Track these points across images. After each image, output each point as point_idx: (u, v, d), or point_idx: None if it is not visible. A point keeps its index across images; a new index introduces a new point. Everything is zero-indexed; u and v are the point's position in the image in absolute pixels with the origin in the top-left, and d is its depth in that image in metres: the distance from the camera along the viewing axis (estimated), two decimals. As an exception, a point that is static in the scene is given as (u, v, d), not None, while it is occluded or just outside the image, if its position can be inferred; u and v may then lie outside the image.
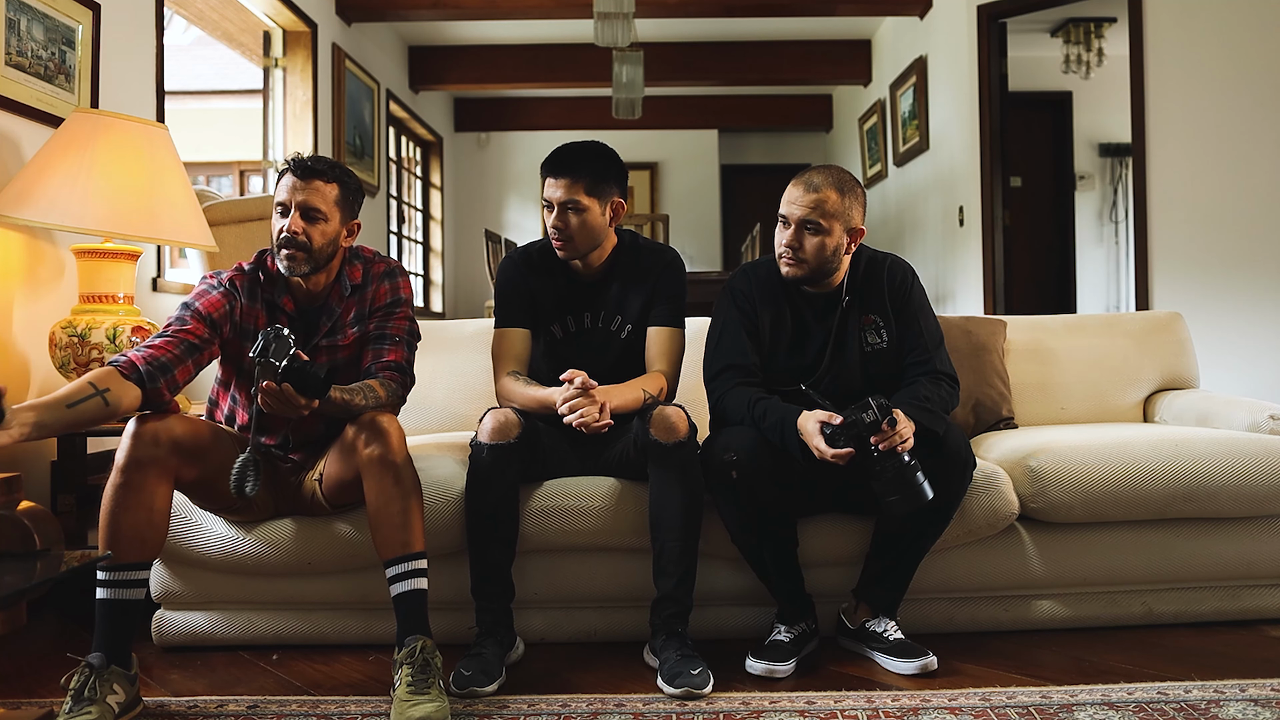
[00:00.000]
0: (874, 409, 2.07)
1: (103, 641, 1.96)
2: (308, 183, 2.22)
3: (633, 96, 6.49)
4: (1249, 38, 4.60)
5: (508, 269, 2.54)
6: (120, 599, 1.98)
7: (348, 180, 2.30)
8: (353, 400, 2.14)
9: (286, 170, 2.25)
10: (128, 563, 1.99)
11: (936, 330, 2.45)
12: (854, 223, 2.33)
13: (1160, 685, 2.07)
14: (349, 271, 2.34)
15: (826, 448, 2.11)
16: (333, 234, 2.25)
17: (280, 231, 2.21)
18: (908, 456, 2.08)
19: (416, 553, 2.10)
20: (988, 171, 5.55)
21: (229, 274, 2.29)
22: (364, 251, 2.42)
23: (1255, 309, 4.55)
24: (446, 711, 1.91)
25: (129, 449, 1.99)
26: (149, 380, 2.02)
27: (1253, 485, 2.45)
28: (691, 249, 9.61)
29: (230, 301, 2.25)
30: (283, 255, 2.21)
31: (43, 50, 3.04)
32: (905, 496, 2.09)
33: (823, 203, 2.29)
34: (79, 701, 1.86)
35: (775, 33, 7.86)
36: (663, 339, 2.47)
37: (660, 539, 2.25)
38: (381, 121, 7.01)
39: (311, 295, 2.31)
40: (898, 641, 2.26)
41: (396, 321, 2.33)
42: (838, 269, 2.37)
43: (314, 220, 2.22)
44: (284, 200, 2.22)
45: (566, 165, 2.38)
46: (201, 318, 2.18)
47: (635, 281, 2.49)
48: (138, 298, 3.08)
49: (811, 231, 2.30)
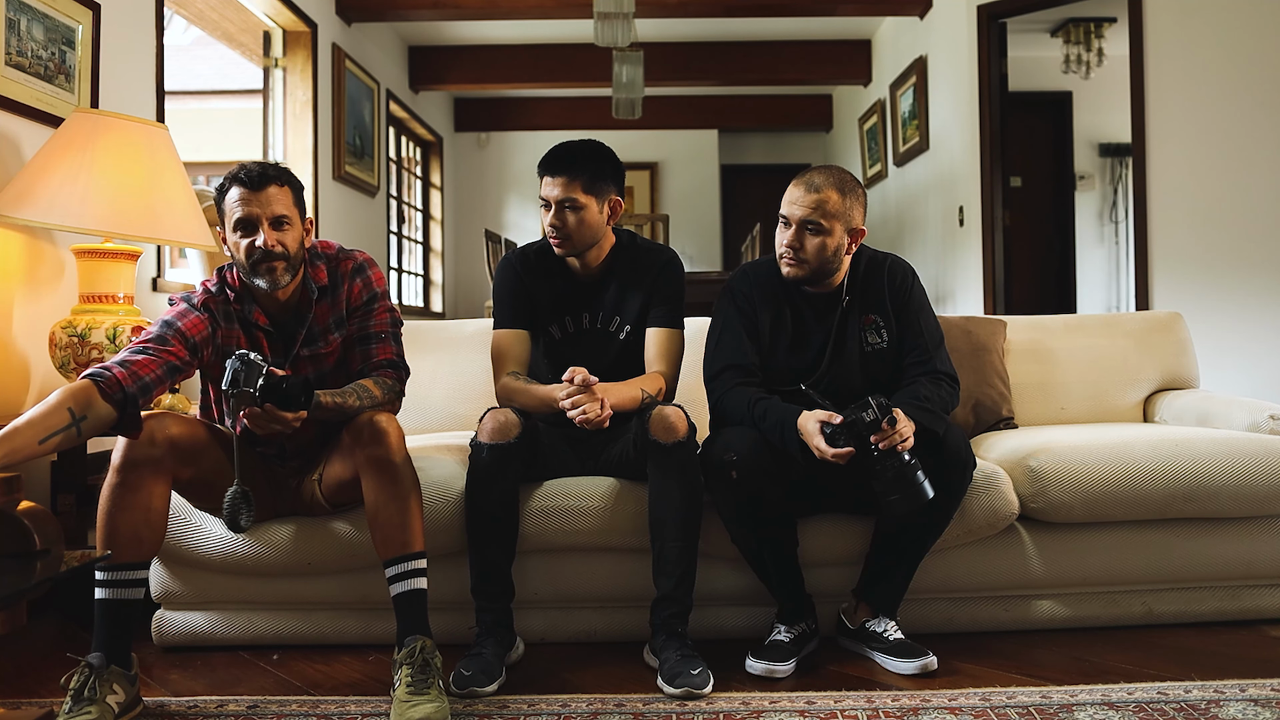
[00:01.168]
0: (874, 408, 2.07)
1: (102, 641, 1.96)
2: (262, 192, 2.14)
3: (633, 96, 6.49)
4: (1249, 38, 4.60)
5: (505, 271, 2.53)
6: (119, 599, 1.98)
7: (294, 180, 2.25)
8: (346, 403, 2.13)
9: (232, 185, 2.15)
10: (126, 563, 1.99)
11: (937, 330, 2.44)
12: (855, 223, 2.33)
13: (1160, 685, 2.07)
14: (312, 273, 2.28)
15: (827, 447, 2.11)
16: (299, 236, 2.20)
17: (250, 248, 2.13)
18: (908, 456, 2.08)
19: (416, 553, 2.10)
20: (988, 171, 5.55)
21: (200, 297, 2.21)
22: (325, 248, 2.34)
23: (1255, 309, 4.55)
24: (446, 712, 1.91)
25: (125, 449, 1.99)
26: (129, 405, 1.95)
27: (1253, 485, 2.45)
28: (691, 249, 9.61)
29: (211, 326, 2.19)
30: (262, 270, 2.14)
31: (43, 50, 3.03)
32: (905, 496, 2.09)
33: (824, 203, 2.29)
34: (79, 701, 1.86)
35: (775, 33, 7.86)
36: (661, 340, 2.46)
37: (659, 539, 2.25)
38: (381, 121, 7.01)
39: (283, 305, 2.25)
40: (898, 641, 2.26)
41: (378, 317, 2.31)
42: (838, 269, 2.37)
43: (284, 228, 2.16)
44: (245, 215, 2.13)
45: (564, 163, 2.38)
46: (185, 340, 2.12)
47: (633, 281, 2.49)
48: (138, 298, 3.08)
49: (813, 232, 2.30)
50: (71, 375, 2.75)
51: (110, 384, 1.93)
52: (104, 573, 1.98)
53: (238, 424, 1.98)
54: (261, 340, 2.25)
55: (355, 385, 2.18)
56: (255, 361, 1.95)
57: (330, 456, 2.27)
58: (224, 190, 2.18)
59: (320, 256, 2.31)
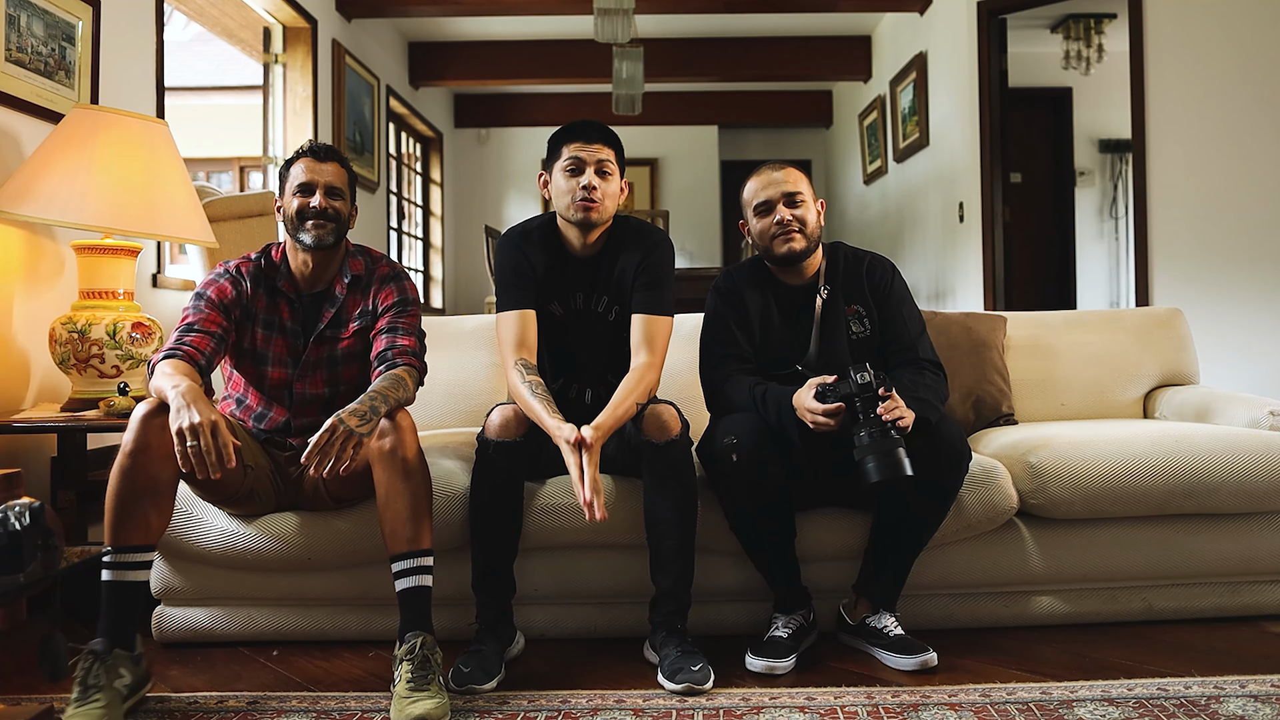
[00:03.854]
0: (866, 369, 2.11)
1: (107, 625, 1.98)
2: (326, 164, 2.36)
3: (633, 92, 6.48)
4: (1249, 34, 4.60)
5: (507, 247, 2.45)
6: (124, 580, 2.00)
7: (351, 169, 2.45)
8: (380, 412, 2.10)
9: (301, 155, 2.37)
10: (132, 545, 2.00)
11: (919, 319, 2.49)
12: (815, 197, 2.48)
13: (1160, 681, 2.07)
14: (350, 262, 2.41)
15: (816, 405, 2.13)
16: (347, 213, 2.39)
17: (305, 206, 2.32)
18: (895, 433, 2.08)
19: (424, 550, 2.11)
20: (988, 167, 5.54)
21: (236, 262, 2.39)
22: (371, 251, 2.48)
23: (1255, 305, 4.55)
24: (446, 708, 1.91)
25: (137, 433, 2.00)
26: (205, 375, 2.20)
27: (1253, 481, 2.45)
28: (691, 245, 9.60)
29: (236, 287, 2.34)
30: (310, 227, 2.31)
31: (43, 46, 3.03)
32: (881, 465, 2.05)
33: (794, 178, 2.45)
34: (86, 689, 1.88)
35: (775, 28, 7.85)
36: (646, 327, 2.39)
37: (656, 537, 2.25)
38: (381, 117, 7.01)
39: (314, 281, 2.39)
40: (898, 637, 2.26)
41: (409, 319, 2.38)
42: (817, 247, 2.46)
43: (337, 197, 2.35)
44: (307, 180, 2.33)
45: (602, 133, 2.40)
46: (215, 305, 2.29)
47: (624, 262, 2.43)
48: (138, 294, 3.09)
49: (800, 202, 2.42)
50: (72, 372, 2.75)
51: (190, 356, 2.18)
52: (110, 554, 2.00)
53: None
54: (283, 308, 2.37)
55: (384, 387, 2.16)
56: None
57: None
58: (291, 161, 2.39)
59: (362, 253, 2.46)
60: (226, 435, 1.95)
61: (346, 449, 1.99)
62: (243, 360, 2.37)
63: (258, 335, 2.35)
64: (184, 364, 2.14)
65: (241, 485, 2.27)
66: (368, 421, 2.05)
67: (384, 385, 2.16)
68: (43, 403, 2.98)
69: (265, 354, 2.36)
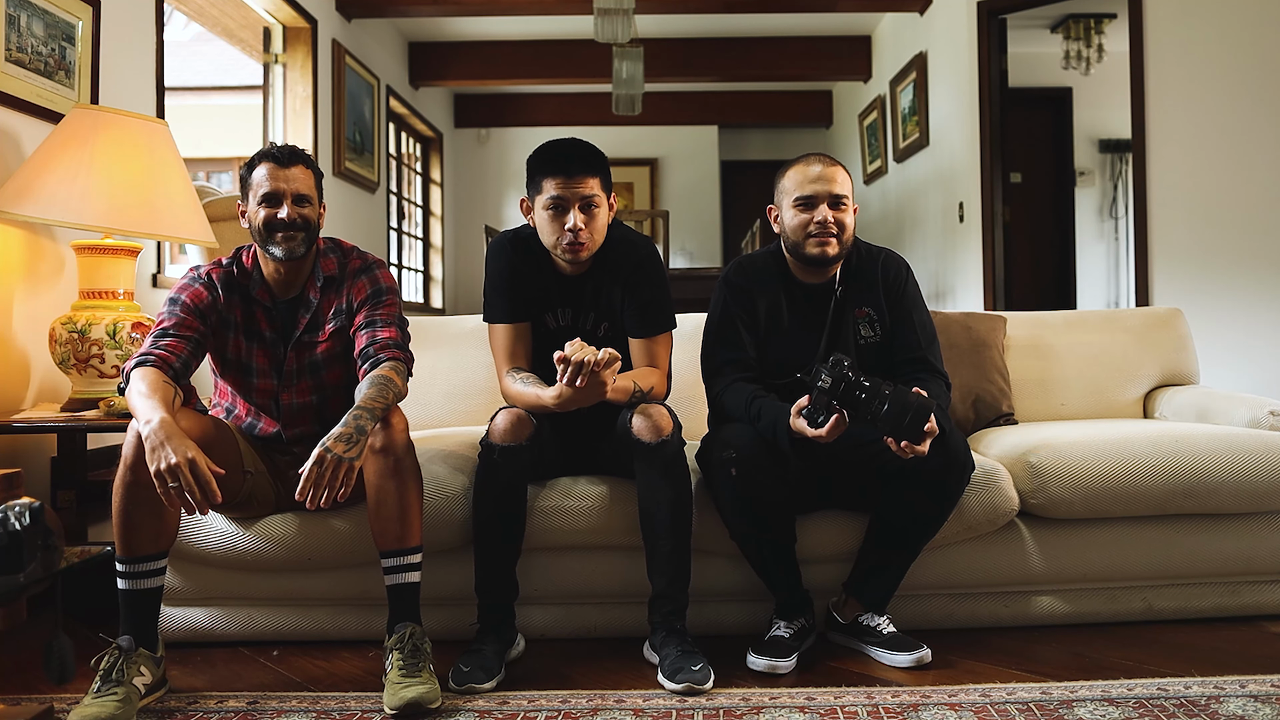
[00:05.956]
0: (823, 371, 2.02)
1: (129, 626, 2.01)
2: (290, 169, 2.26)
3: (633, 92, 6.48)
4: (1249, 34, 4.59)
5: (499, 257, 2.40)
6: (141, 589, 2.03)
7: (316, 167, 2.36)
8: (367, 431, 2.04)
9: (262, 159, 2.26)
10: (144, 555, 2.03)
11: (930, 327, 2.44)
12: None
13: (1160, 681, 2.07)
14: (322, 262, 2.34)
15: (813, 430, 2.08)
16: (317, 216, 2.30)
17: (272, 218, 2.22)
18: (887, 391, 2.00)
19: (412, 547, 2.12)
20: (988, 167, 5.54)
21: (207, 268, 2.32)
22: (342, 244, 2.42)
23: (1255, 305, 4.55)
24: (437, 694, 1.95)
25: (136, 444, 1.99)
26: (180, 379, 2.16)
27: (1253, 481, 2.45)
28: (691, 245, 9.60)
29: (211, 293, 2.28)
30: (280, 240, 2.23)
31: (43, 46, 3.03)
32: (912, 424, 1.98)
33: (844, 179, 2.34)
34: (107, 682, 1.91)
35: (775, 28, 7.85)
36: (648, 349, 2.37)
37: (651, 538, 2.24)
38: (381, 117, 7.00)
39: (288, 286, 2.32)
40: (892, 635, 2.26)
41: (386, 309, 2.31)
42: (845, 253, 2.38)
43: (305, 204, 2.26)
44: (272, 189, 2.23)
45: (584, 161, 2.27)
46: (191, 310, 2.23)
47: (611, 278, 2.38)
48: (138, 294, 3.08)
49: (844, 206, 2.32)
50: (71, 372, 2.75)
51: (164, 361, 2.12)
52: (124, 565, 2.02)
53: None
54: (260, 317, 2.30)
55: (373, 394, 2.09)
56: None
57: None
58: (252, 166, 2.28)
59: (335, 250, 2.38)
60: (206, 472, 1.89)
61: (338, 477, 1.96)
62: (228, 370, 2.33)
63: (240, 345, 2.31)
64: (156, 374, 2.07)
65: (240, 491, 2.27)
66: (355, 444, 1.99)
67: (369, 396, 2.09)
68: (43, 403, 2.98)
69: (250, 365, 2.32)
